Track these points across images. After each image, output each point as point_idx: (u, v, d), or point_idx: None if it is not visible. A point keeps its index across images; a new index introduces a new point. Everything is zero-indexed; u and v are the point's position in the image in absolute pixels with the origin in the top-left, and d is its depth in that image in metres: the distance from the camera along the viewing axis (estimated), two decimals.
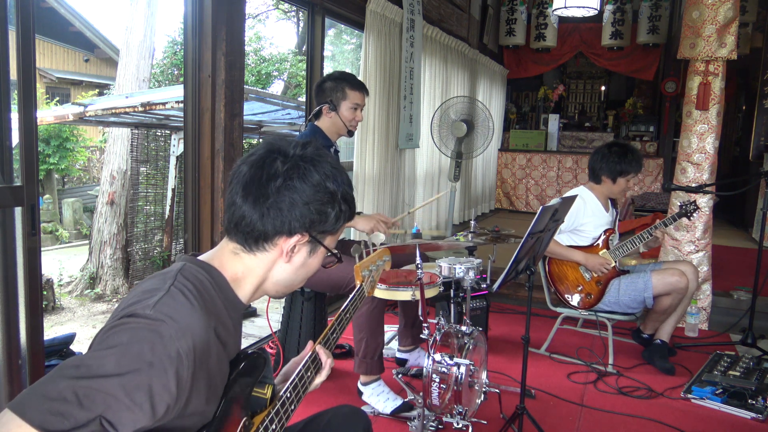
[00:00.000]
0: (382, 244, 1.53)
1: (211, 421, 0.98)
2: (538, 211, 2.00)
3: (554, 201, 2.11)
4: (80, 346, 4.29)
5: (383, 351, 2.59)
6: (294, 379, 1.13)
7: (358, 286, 1.43)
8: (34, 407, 0.79)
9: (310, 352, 1.21)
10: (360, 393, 2.56)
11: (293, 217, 1.03)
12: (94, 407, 0.81)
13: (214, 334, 0.95)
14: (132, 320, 0.89)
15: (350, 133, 2.75)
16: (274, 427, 1.06)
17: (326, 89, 2.66)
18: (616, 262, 3.04)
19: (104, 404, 0.81)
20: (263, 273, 1.08)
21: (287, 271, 1.10)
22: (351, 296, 1.39)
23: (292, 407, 1.12)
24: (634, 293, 2.96)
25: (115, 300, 6.56)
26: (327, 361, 1.23)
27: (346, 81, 2.66)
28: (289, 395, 1.11)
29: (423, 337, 2.15)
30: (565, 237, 3.10)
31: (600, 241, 3.08)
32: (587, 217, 3.06)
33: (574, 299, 3.07)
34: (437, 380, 2.13)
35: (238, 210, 1.04)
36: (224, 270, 1.05)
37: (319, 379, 1.23)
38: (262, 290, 1.12)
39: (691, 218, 3.20)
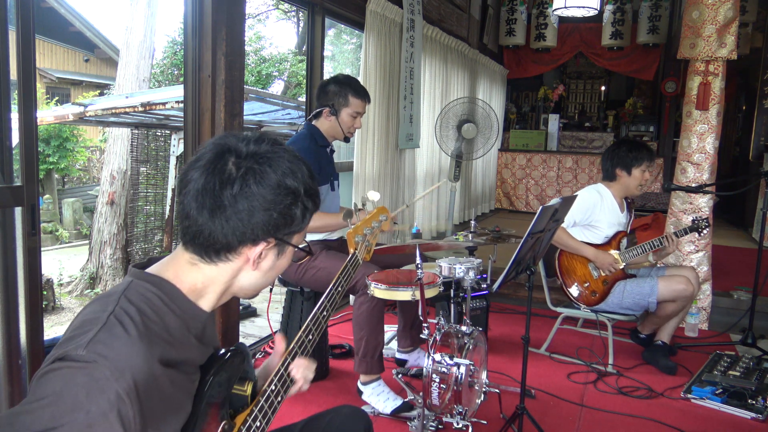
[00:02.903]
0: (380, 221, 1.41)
1: (187, 426, 0.93)
2: (538, 211, 2.00)
3: (554, 201, 2.11)
4: None
5: (383, 351, 2.59)
6: (279, 369, 1.09)
7: (352, 253, 1.36)
8: None
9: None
10: (360, 392, 2.55)
11: (255, 225, 0.95)
12: None
13: (159, 364, 0.88)
14: (64, 364, 0.81)
15: (346, 140, 2.75)
16: (258, 424, 1.02)
17: (329, 92, 2.66)
18: (624, 264, 3.01)
19: None
20: (227, 281, 1.01)
21: (255, 277, 1.03)
22: (344, 265, 1.33)
23: (279, 399, 1.07)
24: (639, 297, 2.94)
25: None
26: (301, 367, 1.17)
27: (351, 87, 2.65)
28: (274, 387, 1.06)
29: (423, 337, 2.15)
30: (578, 231, 3.05)
31: (611, 242, 3.06)
32: (603, 214, 3.03)
33: (579, 295, 3.05)
34: (437, 380, 2.13)
35: (194, 224, 0.95)
36: (179, 282, 0.97)
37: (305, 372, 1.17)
38: (228, 294, 1.05)
39: (701, 234, 3.17)
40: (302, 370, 1.16)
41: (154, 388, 0.86)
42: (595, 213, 3.03)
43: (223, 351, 1.02)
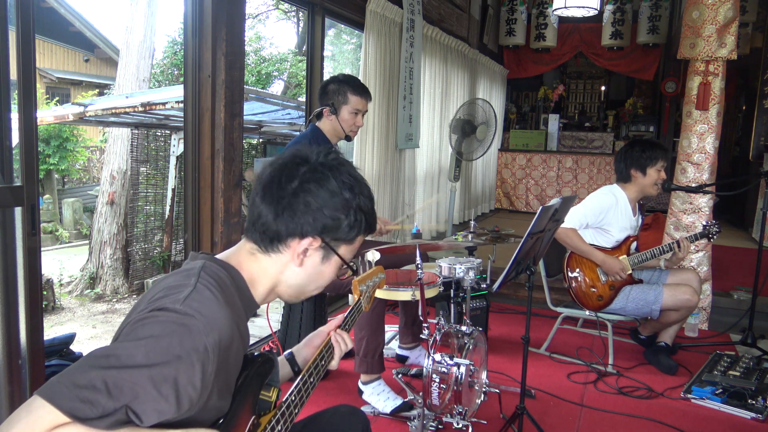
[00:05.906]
0: (377, 262, 1.55)
1: (225, 415, 1.00)
2: (538, 211, 2.00)
3: (554, 201, 2.11)
4: (80, 346, 4.29)
5: (383, 351, 2.59)
6: (298, 383, 1.15)
7: (357, 299, 1.42)
8: (63, 394, 0.81)
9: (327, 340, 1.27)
10: (360, 392, 2.56)
11: (306, 220, 1.05)
12: (121, 397, 0.82)
13: (237, 329, 0.99)
14: (162, 314, 0.90)
15: (348, 138, 2.75)
16: (279, 427, 1.08)
17: (329, 91, 2.66)
18: (633, 270, 2.99)
19: (132, 394, 0.83)
20: (276, 275, 1.10)
21: (299, 276, 1.11)
22: (350, 310, 1.39)
23: (297, 410, 1.14)
24: (642, 304, 2.92)
25: (115, 300, 6.56)
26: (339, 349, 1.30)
27: (349, 85, 2.66)
28: (293, 398, 1.13)
29: (423, 337, 2.15)
30: (589, 234, 3.02)
31: (621, 246, 3.02)
32: (615, 218, 2.99)
33: (584, 297, 3.03)
34: (437, 380, 2.13)
35: (257, 209, 1.07)
36: (242, 269, 1.08)
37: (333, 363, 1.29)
38: (275, 293, 1.14)
39: (711, 240, 3.14)
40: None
41: (228, 352, 0.95)
42: (608, 216, 2.98)
43: (260, 353, 1.09)
